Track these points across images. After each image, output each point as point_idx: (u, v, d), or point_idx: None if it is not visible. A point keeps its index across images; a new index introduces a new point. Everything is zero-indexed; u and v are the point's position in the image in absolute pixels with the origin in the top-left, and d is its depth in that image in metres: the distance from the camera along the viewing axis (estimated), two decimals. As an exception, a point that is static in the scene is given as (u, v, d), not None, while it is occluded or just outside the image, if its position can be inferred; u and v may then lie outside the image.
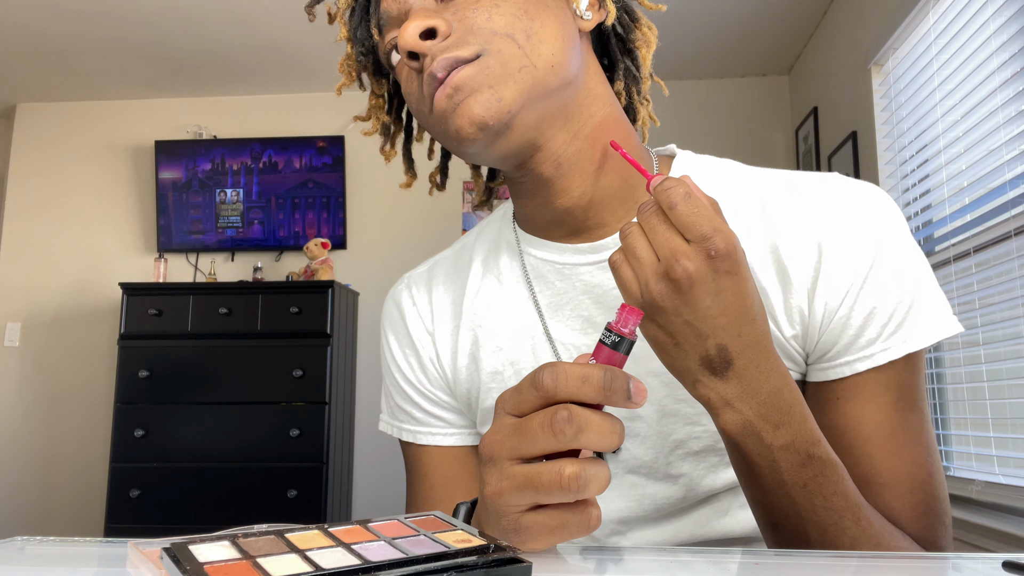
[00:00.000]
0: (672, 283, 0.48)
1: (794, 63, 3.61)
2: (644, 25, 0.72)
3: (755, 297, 0.51)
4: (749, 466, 0.53)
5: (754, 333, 0.50)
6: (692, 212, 0.48)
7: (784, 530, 0.54)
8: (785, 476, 0.52)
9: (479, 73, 0.58)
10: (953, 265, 2.10)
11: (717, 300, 0.49)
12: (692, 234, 0.48)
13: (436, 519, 0.46)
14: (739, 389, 0.51)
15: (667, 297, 0.49)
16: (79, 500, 3.71)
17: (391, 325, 0.78)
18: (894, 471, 0.59)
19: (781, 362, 0.53)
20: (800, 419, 0.52)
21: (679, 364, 0.51)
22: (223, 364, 3.26)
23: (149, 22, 3.23)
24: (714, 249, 0.48)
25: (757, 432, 0.51)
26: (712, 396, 0.51)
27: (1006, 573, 0.42)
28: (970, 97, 2.02)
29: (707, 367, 0.50)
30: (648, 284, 0.49)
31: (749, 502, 0.56)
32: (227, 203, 3.79)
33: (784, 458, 0.52)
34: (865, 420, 0.59)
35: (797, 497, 0.52)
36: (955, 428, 2.18)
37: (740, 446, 0.52)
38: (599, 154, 0.64)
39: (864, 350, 0.60)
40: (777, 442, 0.51)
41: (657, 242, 0.49)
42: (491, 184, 0.80)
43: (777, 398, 0.51)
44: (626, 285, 0.51)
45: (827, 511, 0.53)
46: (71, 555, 0.48)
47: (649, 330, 0.51)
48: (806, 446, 0.52)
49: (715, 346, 0.50)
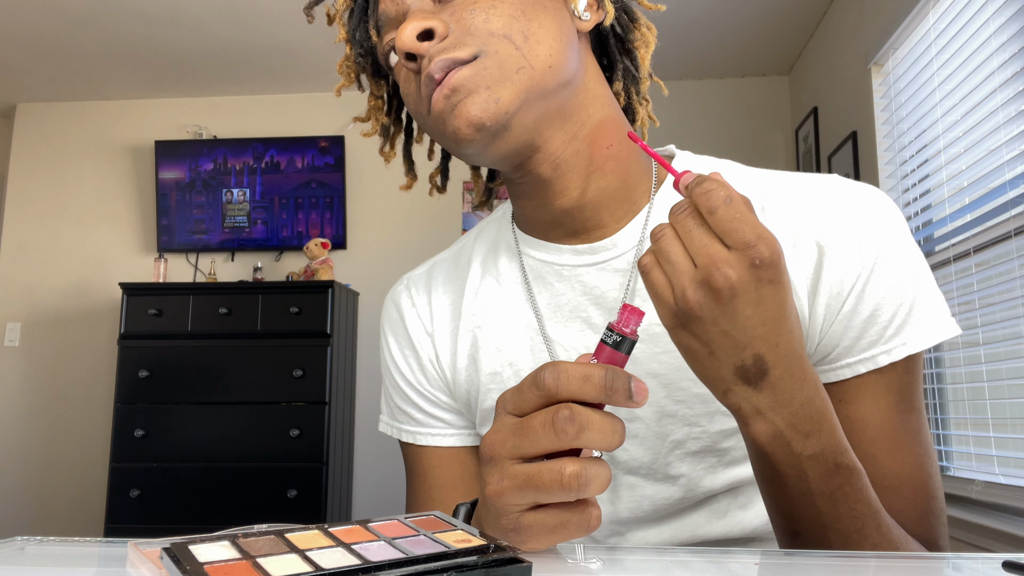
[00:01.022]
0: (712, 292, 0.45)
1: (794, 63, 3.62)
2: (643, 25, 0.72)
3: (793, 305, 0.49)
4: (776, 475, 0.52)
5: (790, 342, 0.48)
6: (734, 217, 0.45)
7: (806, 539, 0.54)
8: (812, 485, 0.51)
9: (476, 74, 0.58)
10: (953, 265, 2.10)
11: (758, 310, 0.46)
12: (734, 240, 0.45)
13: (436, 519, 0.46)
14: (772, 399, 0.49)
15: (705, 307, 0.46)
16: (79, 500, 3.71)
17: (390, 326, 0.78)
18: (896, 473, 0.59)
19: (813, 371, 0.51)
20: (830, 428, 0.51)
21: (711, 373, 0.49)
22: (223, 364, 3.26)
23: (149, 22, 3.23)
24: (758, 258, 0.45)
25: (787, 442, 0.50)
26: (744, 405, 0.50)
27: (1006, 573, 0.42)
28: (970, 97, 2.02)
29: (741, 377, 0.49)
30: (685, 292, 0.46)
31: (770, 511, 0.56)
32: (233, 203, 3.79)
33: (812, 468, 0.51)
34: (868, 422, 0.59)
35: (823, 506, 0.52)
36: (955, 428, 2.18)
37: (769, 455, 0.51)
38: (597, 155, 0.64)
39: (865, 352, 0.60)
40: (807, 452, 0.50)
41: (694, 247, 0.46)
42: (491, 184, 0.80)
43: (809, 408, 0.50)
44: (658, 292, 0.48)
45: (851, 519, 0.52)
46: (71, 555, 0.48)
47: (682, 338, 0.49)
48: (834, 455, 0.51)
49: (752, 356, 0.48)
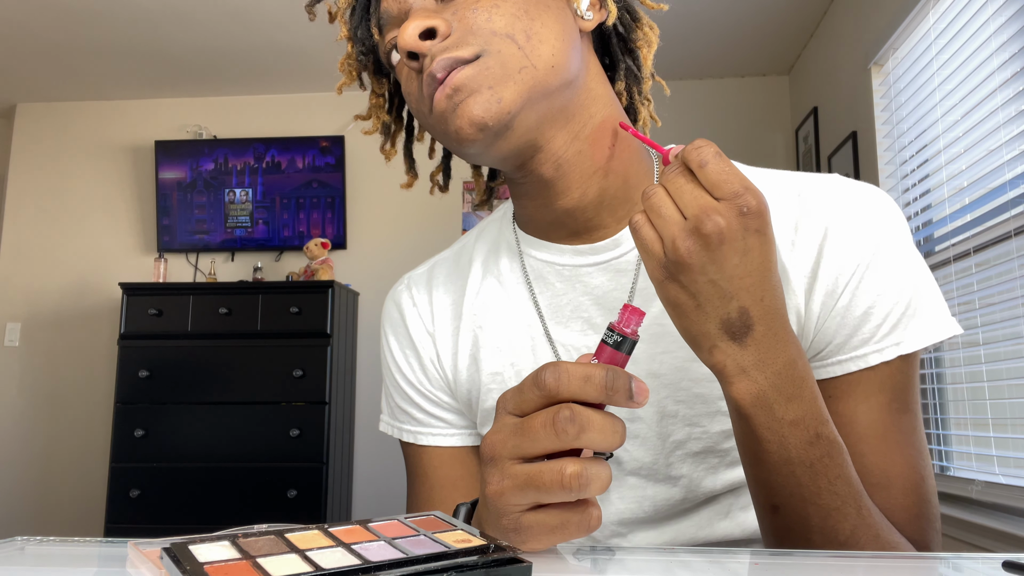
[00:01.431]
0: (702, 238, 0.47)
1: (794, 63, 3.62)
2: (646, 24, 0.72)
3: (776, 265, 0.50)
4: (757, 441, 0.52)
5: (774, 299, 0.50)
6: (723, 170, 0.48)
7: (786, 513, 0.53)
8: (792, 453, 0.51)
9: (479, 74, 0.58)
10: (953, 265, 2.10)
11: (744, 260, 0.48)
12: (723, 191, 0.47)
13: (436, 519, 0.46)
14: (756, 356, 0.50)
15: (695, 253, 0.48)
16: (79, 500, 3.71)
17: (391, 326, 0.78)
18: (886, 472, 0.59)
19: (794, 334, 0.52)
20: (811, 395, 0.52)
21: (698, 328, 0.50)
22: (223, 364, 3.26)
23: (149, 22, 3.23)
24: (746, 206, 0.47)
25: (769, 404, 0.50)
26: (728, 363, 0.50)
27: (1006, 573, 0.42)
28: (970, 97, 2.02)
29: (727, 331, 0.50)
30: (675, 241, 0.48)
31: (750, 483, 0.56)
32: (236, 203, 3.79)
33: (793, 434, 0.51)
34: (858, 419, 0.59)
35: (803, 477, 0.52)
36: (955, 428, 2.18)
37: (750, 418, 0.51)
38: (599, 155, 0.64)
39: (857, 350, 0.60)
40: (788, 416, 0.51)
41: (684, 200, 0.48)
42: (491, 183, 0.80)
43: (791, 370, 0.51)
44: (648, 246, 0.50)
45: (831, 495, 0.52)
46: (71, 555, 0.48)
47: (670, 291, 0.50)
48: (815, 424, 0.51)
49: (737, 308, 0.49)
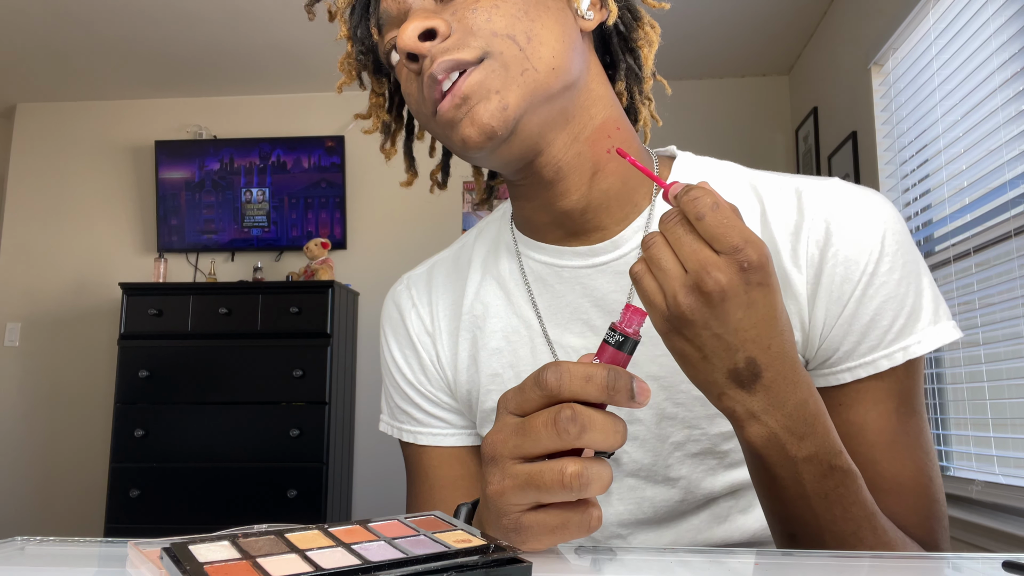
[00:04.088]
0: (703, 296, 0.46)
1: (794, 63, 3.61)
2: (647, 24, 0.71)
3: (783, 308, 0.49)
4: (771, 478, 0.52)
5: (782, 345, 0.49)
6: (721, 223, 0.46)
7: (802, 541, 0.54)
8: (807, 488, 0.51)
9: (486, 78, 0.57)
10: (953, 265, 2.10)
11: (749, 313, 0.47)
12: (722, 245, 0.46)
13: (436, 519, 0.46)
14: (766, 402, 0.49)
15: (697, 310, 0.47)
16: (79, 500, 3.71)
17: (391, 326, 0.77)
18: (897, 476, 0.59)
19: (806, 373, 0.51)
20: (824, 431, 0.51)
21: (705, 377, 0.50)
22: (223, 364, 3.25)
23: (149, 22, 3.23)
24: (746, 261, 0.46)
25: (782, 444, 0.50)
26: (738, 409, 0.50)
27: (1006, 573, 0.42)
28: (970, 97, 2.02)
29: (735, 380, 0.49)
30: (676, 297, 0.47)
31: (767, 514, 0.56)
32: (253, 203, 3.78)
33: (807, 470, 0.51)
34: (868, 426, 0.59)
35: (818, 508, 0.52)
36: (955, 428, 2.18)
37: (763, 458, 0.51)
38: (599, 157, 0.64)
39: (865, 356, 0.59)
40: (801, 454, 0.50)
41: (683, 253, 0.47)
42: (491, 183, 0.80)
43: (803, 410, 0.50)
44: (650, 297, 0.49)
45: (846, 521, 0.52)
46: (71, 555, 0.48)
47: (675, 343, 0.49)
48: (828, 457, 0.51)
49: (744, 359, 0.48)
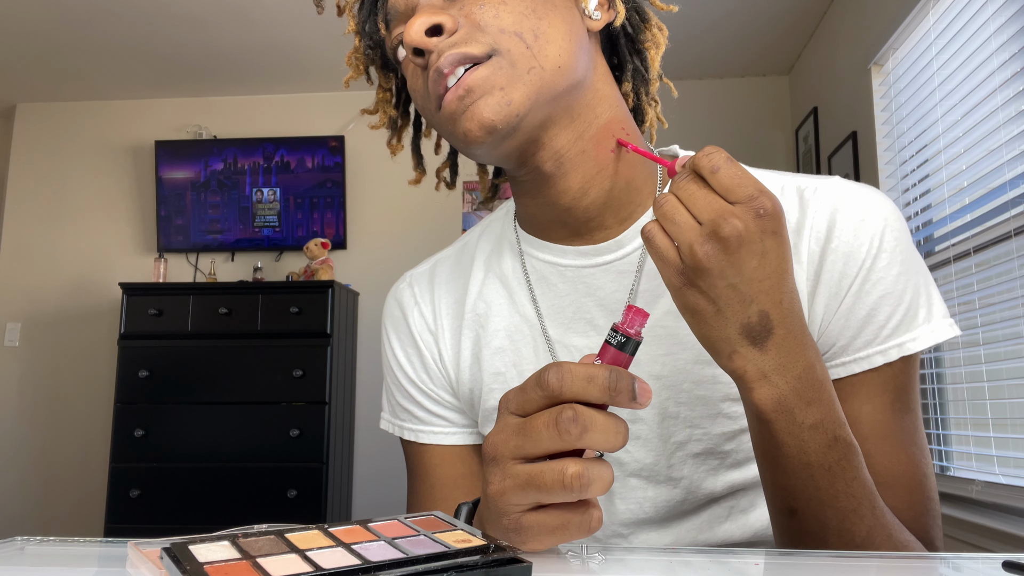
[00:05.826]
0: (721, 242, 0.47)
1: (794, 63, 3.61)
2: (654, 26, 0.72)
3: (792, 264, 0.50)
4: (777, 446, 0.52)
5: (792, 302, 0.50)
6: (736, 174, 0.47)
7: (803, 516, 0.53)
8: (811, 457, 0.51)
9: (492, 74, 0.57)
10: (953, 265, 2.10)
11: (763, 262, 0.48)
12: (737, 195, 0.47)
13: (436, 519, 0.46)
14: (777, 361, 0.50)
15: (714, 258, 0.47)
16: (79, 500, 3.71)
17: (393, 324, 0.77)
18: (891, 471, 0.59)
19: (811, 336, 0.52)
20: (829, 398, 0.51)
21: (718, 333, 0.50)
22: (223, 364, 3.25)
23: (149, 22, 3.23)
24: (762, 208, 0.47)
25: (790, 408, 0.50)
26: (749, 368, 0.50)
27: (1006, 573, 0.42)
28: (970, 97, 2.02)
29: (747, 336, 0.49)
30: (692, 246, 0.48)
31: (767, 487, 0.55)
32: (264, 202, 3.77)
33: (812, 438, 0.51)
34: (863, 420, 0.60)
35: (821, 480, 0.52)
36: (955, 428, 2.18)
37: (771, 423, 0.51)
38: (603, 155, 0.64)
39: (860, 352, 0.60)
40: (808, 420, 0.50)
41: (698, 206, 0.48)
42: (496, 180, 0.80)
43: (811, 374, 0.50)
44: (663, 253, 0.49)
45: (848, 497, 0.52)
46: (71, 555, 0.48)
47: (688, 298, 0.50)
48: (833, 427, 0.51)
49: (757, 312, 0.49)
